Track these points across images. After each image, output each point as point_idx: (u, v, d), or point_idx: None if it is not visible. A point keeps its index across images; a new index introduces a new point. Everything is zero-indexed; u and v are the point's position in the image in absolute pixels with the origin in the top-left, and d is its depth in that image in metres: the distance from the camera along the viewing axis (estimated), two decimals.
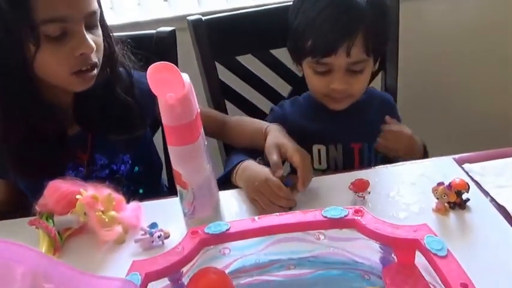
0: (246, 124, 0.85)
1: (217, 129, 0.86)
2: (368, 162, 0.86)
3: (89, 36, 0.67)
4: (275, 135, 0.73)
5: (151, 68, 0.50)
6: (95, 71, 0.70)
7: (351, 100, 0.83)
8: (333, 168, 0.86)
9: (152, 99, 0.55)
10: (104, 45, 0.73)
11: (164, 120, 0.53)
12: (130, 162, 0.80)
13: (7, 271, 0.35)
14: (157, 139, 0.91)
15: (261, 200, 0.65)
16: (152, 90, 0.51)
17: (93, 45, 0.68)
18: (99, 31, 0.71)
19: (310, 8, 0.79)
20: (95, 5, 0.68)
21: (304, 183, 0.66)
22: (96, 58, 0.70)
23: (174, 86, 0.50)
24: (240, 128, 0.84)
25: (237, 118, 0.90)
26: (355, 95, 0.83)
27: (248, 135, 0.81)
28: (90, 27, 0.69)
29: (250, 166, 0.70)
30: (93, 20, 0.69)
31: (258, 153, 0.76)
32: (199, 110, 0.55)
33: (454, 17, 1.36)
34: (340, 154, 0.86)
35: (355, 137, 0.85)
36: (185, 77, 0.52)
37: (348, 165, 0.85)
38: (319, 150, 0.85)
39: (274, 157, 0.68)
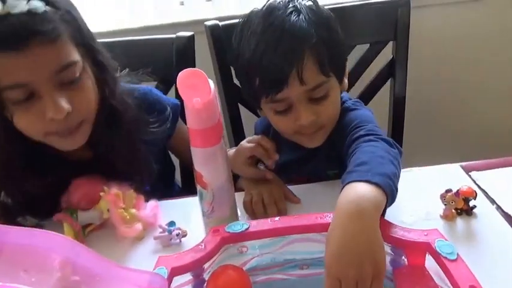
0: None
1: None
2: None
3: (62, 97, 0.59)
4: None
5: (181, 74, 0.53)
6: (83, 128, 0.64)
7: (325, 132, 0.71)
8: None
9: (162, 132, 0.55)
10: (100, 91, 0.65)
11: (189, 123, 0.56)
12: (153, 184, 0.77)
13: (47, 260, 0.38)
14: None
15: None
16: (180, 94, 0.54)
17: (65, 108, 0.59)
18: (83, 83, 0.62)
19: (247, 44, 0.68)
20: (70, 57, 0.60)
21: None
22: (77, 118, 0.62)
23: (201, 91, 0.53)
24: None
25: None
26: (327, 125, 0.71)
27: None
28: (66, 83, 0.60)
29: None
30: (69, 75, 0.60)
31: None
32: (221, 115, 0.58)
33: (463, 24, 1.38)
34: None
35: (298, 171, 0.78)
36: (210, 82, 0.54)
37: None
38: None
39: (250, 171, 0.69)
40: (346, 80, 0.74)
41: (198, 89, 0.53)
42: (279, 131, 0.74)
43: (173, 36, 0.94)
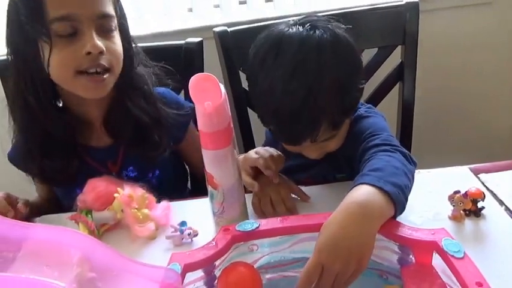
0: None
1: None
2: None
3: (99, 39, 0.68)
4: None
5: (193, 78, 0.55)
6: (107, 76, 0.70)
7: (329, 152, 0.73)
8: None
9: (179, 123, 0.57)
10: (125, 58, 0.73)
11: (200, 126, 0.58)
12: (159, 178, 0.83)
13: (68, 256, 0.40)
14: None
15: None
16: (192, 98, 0.56)
17: (101, 46, 0.67)
18: (115, 38, 0.72)
19: (262, 92, 0.65)
20: (109, 10, 0.70)
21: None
22: (107, 62, 0.70)
23: (212, 95, 0.55)
24: None
25: None
26: (332, 150, 0.72)
27: None
28: (104, 31, 0.69)
29: None
30: (106, 24, 0.70)
31: None
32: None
33: (472, 27, 1.38)
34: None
35: (309, 175, 0.79)
36: (221, 87, 0.56)
37: None
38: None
39: (246, 179, 0.67)
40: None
41: (210, 93, 0.55)
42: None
43: (182, 42, 0.97)
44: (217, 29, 0.99)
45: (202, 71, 0.97)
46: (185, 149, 0.88)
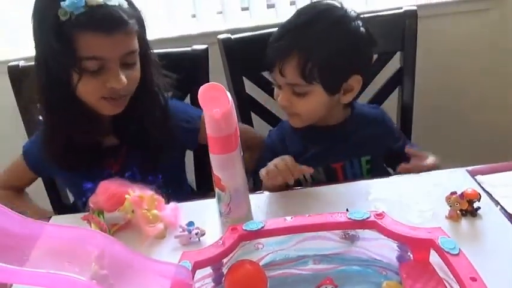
0: None
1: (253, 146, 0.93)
2: (353, 177, 0.87)
3: (123, 73, 0.76)
4: None
5: (202, 88, 0.58)
6: (124, 99, 0.80)
7: (300, 119, 0.84)
8: None
9: (190, 132, 0.63)
10: (142, 75, 0.80)
11: (209, 131, 0.61)
12: (160, 181, 0.87)
13: (87, 253, 0.42)
14: None
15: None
16: (201, 105, 0.59)
17: (124, 81, 0.76)
18: (136, 66, 0.79)
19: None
20: (133, 46, 0.77)
21: None
22: (126, 91, 0.79)
23: (220, 103, 0.58)
24: None
25: None
26: (302, 116, 0.83)
27: None
28: (126, 64, 0.77)
29: None
30: (131, 58, 0.77)
31: None
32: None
33: (470, 33, 1.41)
34: (323, 175, 0.87)
35: (336, 157, 0.87)
36: (228, 95, 0.59)
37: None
38: (303, 174, 0.85)
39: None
40: (345, 96, 0.84)
41: (217, 100, 0.58)
42: None
43: (189, 49, 1.00)
44: (221, 37, 1.02)
45: (208, 77, 1.00)
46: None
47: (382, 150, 0.90)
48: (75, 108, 0.79)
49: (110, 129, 0.85)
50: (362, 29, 0.82)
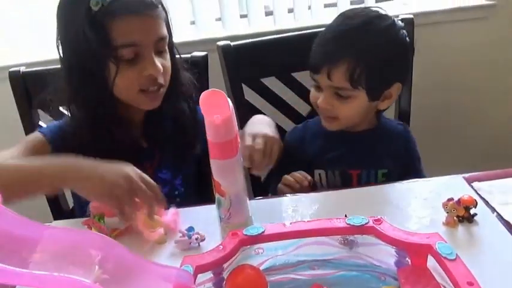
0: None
1: None
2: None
3: (157, 60, 0.76)
4: (252, 126, 0.80)
5: (203, 94, 0.59)
6: (161, 91, 0.79)
7: (338, 123, 0.86)
8: None
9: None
10: (172, 69, 0.81)
11: (209, 137, 0.61)
12: (185, 181, 0.88)
13: (90, 256, 0.43)
14: None
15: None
16: (202, 111, 0.60)
17: (160, 67, 0.76)
18: (167, 55, 0.80)
19: (323, 30, 0.87)
20: (164, 32, 0.77)
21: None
22: (162, 80, 0.78)
23: (220, 109, 0.59)
24: None
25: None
26: (341, 119, 0.85)
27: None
28: (159, 52, 0.77)
29: None
30: (162, 46, 0.78)
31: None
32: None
33: (466, 41, 1.43)
34: (338, 179, 0.88)
35: (355, 164, 0.88)
36: (229, 101, 0.60)
37: None
38: (319, 175, 0.89)
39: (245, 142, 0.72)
40: (383, 103, 0.87)
41: (218, 106, 0.59)
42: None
43: (188, 55, 1.01)
44: (220, 43, 1.03)
45: (208, 83, 1.01)
46: None
47: (400, 167, 0.89)
48: (111, 107, 0.78)
49: (141, 131, 0.85)
50: (407, 38, 0.86)
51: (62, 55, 0.79)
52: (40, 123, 1.03)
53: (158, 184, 0.77)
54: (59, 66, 0.82)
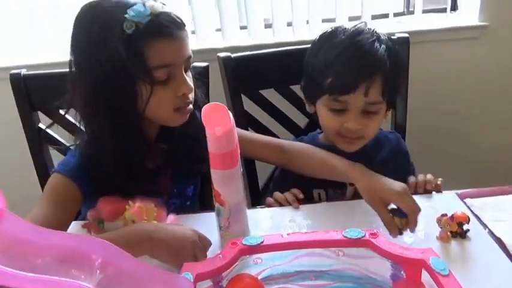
0: (311, 155, 0.86)
1: (273, 156, 0.90)
2: None
3: (187, 78, 0.77)
4: (366, 183, 0.74)
5: (206, 107, 0.61)
6: (191, 107, 0.79)
7: (362, 142, 0.86)
8: None
9: None
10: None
11: (211, 148, 0.63)
12: (195, 191, 0.88)
13: (91, 261, 0.43)
14: None
15: None
16: (204, 123, 0.61)
17: (192, 85, 0.78)
18: (190, 73, 0.80)
19: (331, 49, 0.84)
20: (190, 51, 0.78)
21: (412, 227, 0.69)
22: (192, 98, 0.79)
23: (222, 121, 0.60)
24: (306, 159, 0.86)
25: (297, 146, 0.90)
26: (366, 137, 0.86)
27: (317, 169, 0.84)
28: (186, 70, 0.78)
29: None
30: (189, 64, 0.79)
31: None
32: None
33: (460, 59, 1.46)
34: (340, 197, 0.88)
35: None
36: (230, 114, 0.62)
37: None
38: (319, 194, 0.89)
39: (385, 216, 0.70)
40: (389, 114, 0.89)
41: (219, 119, 0.61)
42: (323, 127, 0.89)
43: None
44: (221, 55, 1.04)
45: (208, 94, 1.03)
46: None
47: (398, 176, 0.85)
48: (139, 129, 0.76)
49: (157, 149, 0.81)
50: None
51: (83, 74, 0.74)
52: (40, 125, 1.04)
53: (172, 198, 0.78)
54: (60, 70, 0.81)
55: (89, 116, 0.75)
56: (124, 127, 0.75)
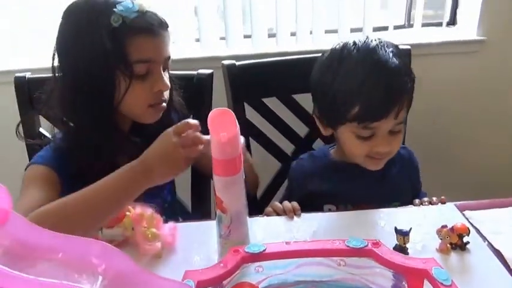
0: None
1: None
2: None
3: (164, 76, 0.80)
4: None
5: (212, 112, 0.61)
6: (164, 105, 0.83)
7: (386, 159, 0.86)
8: None
9: None
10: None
11: (214, 154, 0.62)
12: (171, 190, 0.89)
13: (93, 265, 0.43)
14: None
15: None
16: (209, 128, 0.61)
17: (168, 84, 0.81)
18: (168, 73, 0.84)
19: (350, 74, 0.79)
20: (169, 51, 0.81)
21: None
22: (166, 96, 0.83)
23: (227, 127, 0.60)
24: None
25: None
26: (393, 154, 0.85)
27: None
28: (164, 70, 0.81)
29: None
30: (167, 64, 0.82)
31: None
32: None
33: (461, 73, 1.48)
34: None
35: (368, 198, 0.86)
36: (235, 120, 0.62)
37: None
38: (329, 210, 0.88)
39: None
40: None
41: (225, 125, 0.61)
42: (348, 152, 0.86)
43: (194, 72, 1.03)
44: (225, 63, 1.05)
45: (211, 100, 1.03)
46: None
47: (410, 194, 0.90)
48: (112, 122, 0.80)
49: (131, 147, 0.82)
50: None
51: (64, 65, 0.78)
52: (41, 129, 1.04)
53: (151, 199, 0.77)
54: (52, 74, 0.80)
55: (67, 109, 0.79)
56: (99, 121, 0.77)
